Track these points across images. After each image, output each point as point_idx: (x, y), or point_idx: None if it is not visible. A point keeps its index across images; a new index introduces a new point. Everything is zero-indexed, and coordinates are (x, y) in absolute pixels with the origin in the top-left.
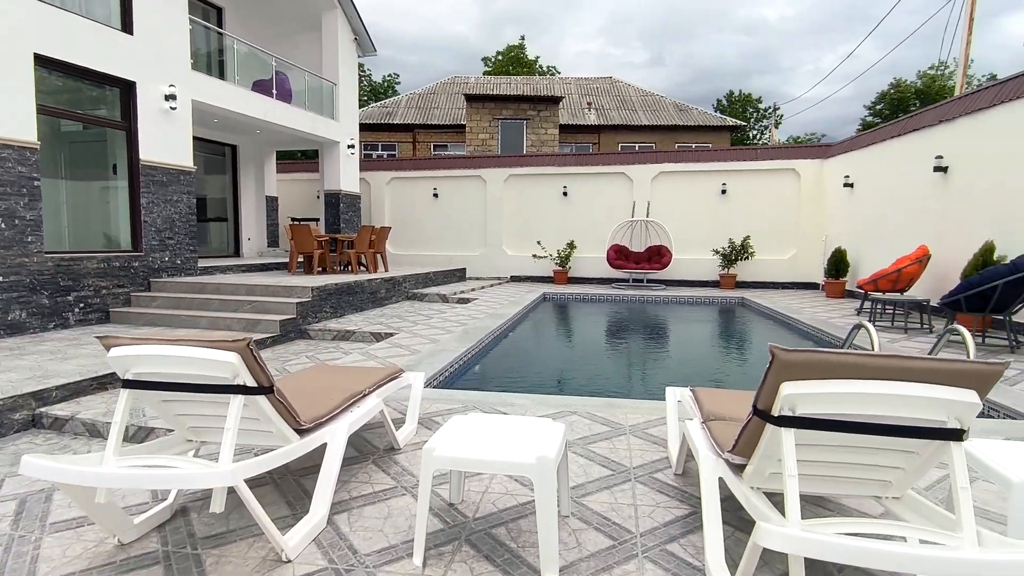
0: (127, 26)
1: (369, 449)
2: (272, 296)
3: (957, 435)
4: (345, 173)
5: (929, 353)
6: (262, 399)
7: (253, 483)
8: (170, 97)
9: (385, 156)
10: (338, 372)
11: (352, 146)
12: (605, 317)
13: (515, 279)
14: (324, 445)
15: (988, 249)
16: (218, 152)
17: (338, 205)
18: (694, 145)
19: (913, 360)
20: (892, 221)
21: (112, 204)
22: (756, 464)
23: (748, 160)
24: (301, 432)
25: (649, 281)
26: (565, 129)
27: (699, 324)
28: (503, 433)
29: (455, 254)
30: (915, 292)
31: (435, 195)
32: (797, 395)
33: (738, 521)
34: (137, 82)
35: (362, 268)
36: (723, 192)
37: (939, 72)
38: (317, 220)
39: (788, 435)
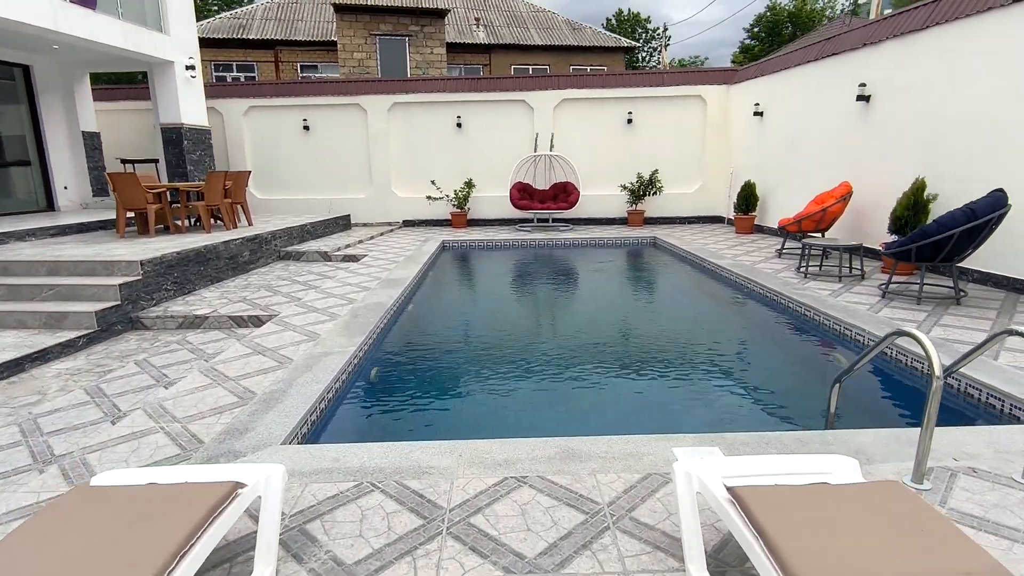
0: None
1: None
2: (85, 276)
3: None
4: (186, 102)
5: (972, 353)
6: None
7: None
8: None
9: (242, 79)
10: (97, 529)
11: (192, 67)
12: (515, 271)
13: (408, 224)
14: None
15: (919, 187)
16: (3, 74)
17: (181, 143)
18: (589, 69)
19: None
20: (806, 154)
21: None
22: None
23: (654, 86)
24: None
25: (555, 220)
26: (452, 48)
27: (618, 277)
28: None
29: (336, 197)
30: (836, 232)
31: (305, 127)
32: None
33: None
34: None
35: (218, 222)
36: (629, 122)
37: None
38: (157, 161)
39: None
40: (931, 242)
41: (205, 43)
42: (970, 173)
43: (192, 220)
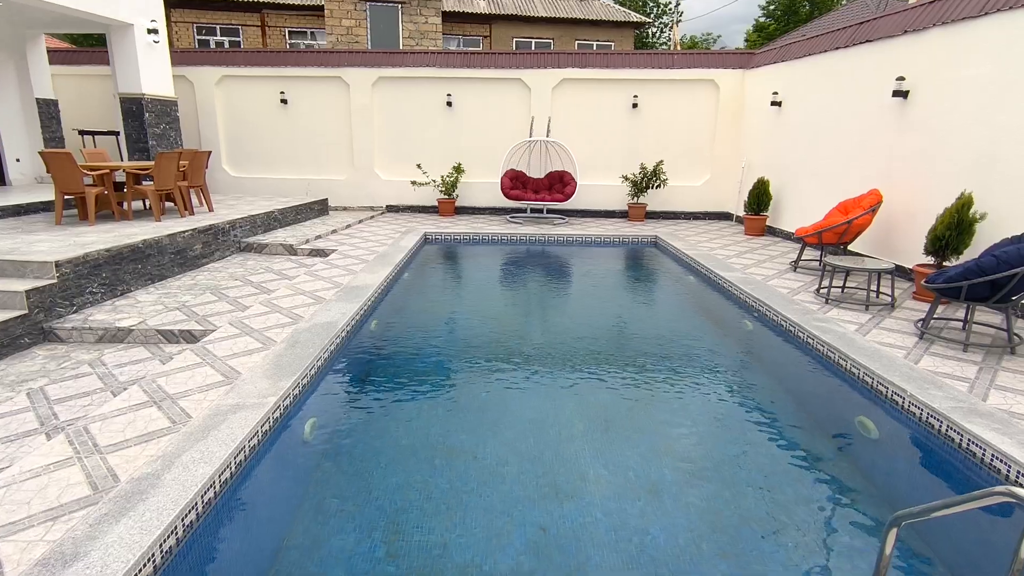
0: None
1: None
2: None
3: None
4: (148, 70)
5: None
6: None
7: None
8: None
9: (227, 44)
10: None
11: (155, 31)
12: (497, 278)
13: (392, 209)
14: None
15: (965, 203)
16: None
17: (142, 115)
18: (595, 44)
19: None
20: (829, 152)
21: None
22: None
23: (663, 67)
24: None
25: (550, 212)
26: (450, 17)
27: (609, 291)
28: None
29: (314, 178)
30: (860, 246)
31: (283, 101)
32: None
33: None
34: None
35: (172, 205)
36: (634, 106)
37: None
38: (118, 134)
39: None
40: (987, 281)
41: (187, 3)
42: None
43: (146, 203)
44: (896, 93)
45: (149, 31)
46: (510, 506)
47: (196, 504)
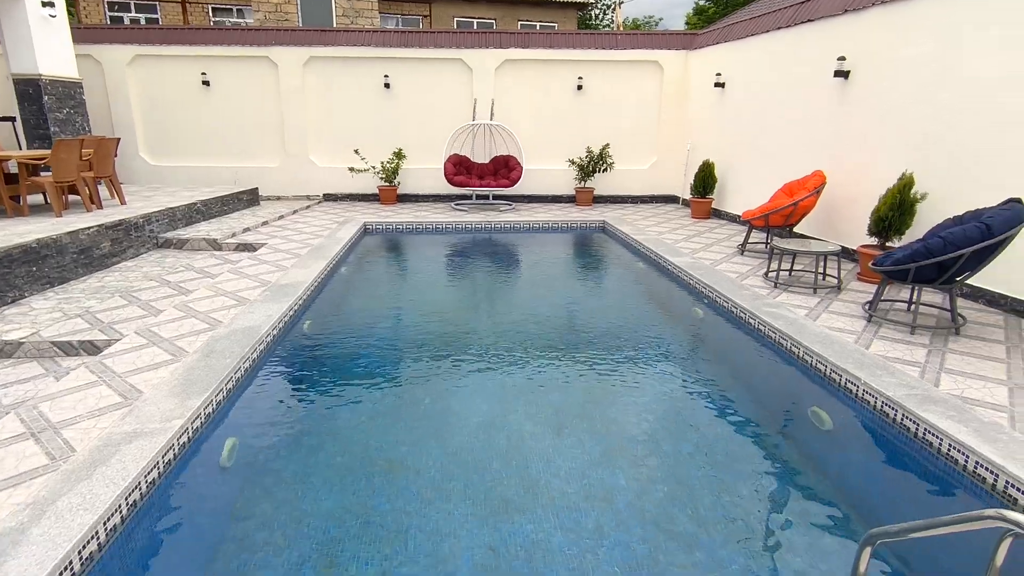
0: None
1: None
2: None
3: None
4: (44, 48)
5: None
6: None
7: None
8: None
9: (143, 21)
10: None
11: (50, 3)
12: (440, 269)
13: (330, 198)
14: None
15: (906, 183)
16: None
17: (40, 98)
18: (538, 25)
19: None
20: (773, 134)
21: None
22: None
23: (608, 48)
24: None
25: (495, 198)
26: None
27: (558, 280)
28: None
29: (243, 166)
30: (805, 227)
31: (205, 83)
32: None
33: None
34: None
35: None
36: (579, 88)
37: None
38: (14, 119)
39: None
40: (935, 262)
41: None
42: (967, 171)
43: (46, 197)
44: (838, 73)
45: (43, 3)
46: (456, 526)
47: (71, 563)
